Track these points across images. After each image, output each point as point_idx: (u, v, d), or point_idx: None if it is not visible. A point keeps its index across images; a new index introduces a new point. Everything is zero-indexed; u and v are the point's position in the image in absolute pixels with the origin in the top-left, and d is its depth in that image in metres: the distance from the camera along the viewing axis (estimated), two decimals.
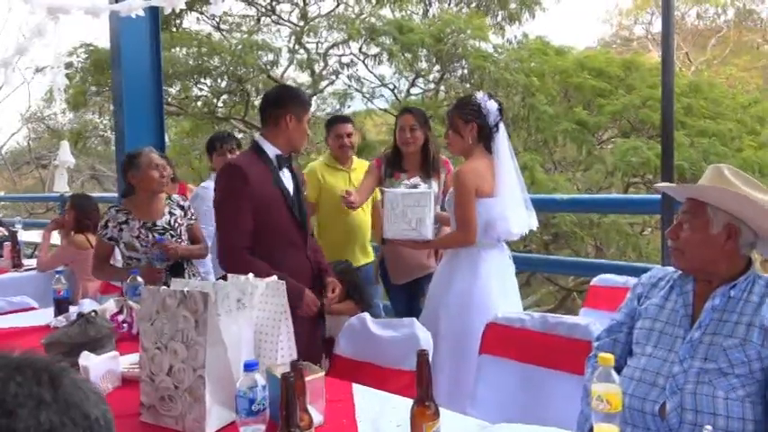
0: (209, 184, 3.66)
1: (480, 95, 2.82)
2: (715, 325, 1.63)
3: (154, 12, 4.92)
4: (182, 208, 3.24)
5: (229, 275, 1.93)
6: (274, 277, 1.91)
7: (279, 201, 2.52)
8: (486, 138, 2.78)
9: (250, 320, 1.82)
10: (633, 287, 1.88)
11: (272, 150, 2.55)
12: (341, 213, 3.49)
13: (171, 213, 3.18)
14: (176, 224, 3.18)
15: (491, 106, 2.76)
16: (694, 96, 8.20)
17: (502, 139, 2.79)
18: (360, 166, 3.79)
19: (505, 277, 2.87)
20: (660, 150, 3.42)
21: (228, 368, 1.67)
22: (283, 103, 2.55)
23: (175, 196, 3.30)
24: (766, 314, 1.58)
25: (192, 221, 3.29)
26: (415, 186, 2.83)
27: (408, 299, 3.49)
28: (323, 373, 1.68)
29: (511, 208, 2.76)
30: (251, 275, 1.89)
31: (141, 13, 4.03)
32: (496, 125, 2.78)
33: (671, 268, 1.82)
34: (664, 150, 3.30)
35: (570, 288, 9.17)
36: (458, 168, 2.83)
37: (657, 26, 16.94)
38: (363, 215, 3.68)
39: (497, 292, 2.77)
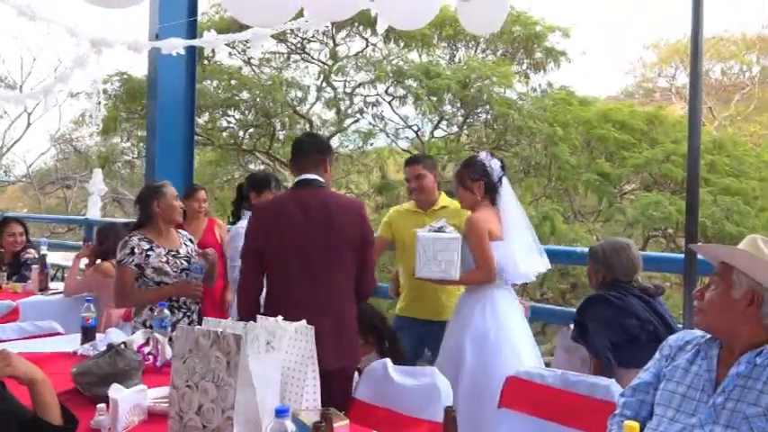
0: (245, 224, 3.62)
1: (484, 155, 3.13)
2: (739, 392, 1.63)
3: (191, 49, 5.09)
4: (191, 241, 3.36)
5: (258, 317, 1.97)
6: (304, 321, 1.95)
7: None
8: (491, 192, 3.08)
9: (278, 363, 1.85)
10: (660, 348, 1.88)
11: None
12: (406, 260, 3.37)
13: (185, 245, 3.28)
14: (193, 254, 3.29)
15: (495, 165, 3.08)
16: (718, 153, 8.22)
17: (506, 191, 3.11)
18: (447, 205, 3.45)
19: (520, 317, 3.04)
20: (683, 206, 3.43)
21: (256, 411, 1.70)
22: (331, 149, 2.85)
23: (182, 231, 3.39)
24: None
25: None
26: (441, 229, 2.99)
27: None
28: (348, 422, 1.70)
29: (518, 251, 2.98)
30: (280, 318, 1.93)
31: (182, 52, 4.19)
32: (500, 180, 3.09)
33: (699, 332, 1.82)
34: (688, 210, 3.30)
35: None
36: (468, 216, 3.06)
37: (681, 79, 17.06)
38: None
39: (518, 330, 2.94)
